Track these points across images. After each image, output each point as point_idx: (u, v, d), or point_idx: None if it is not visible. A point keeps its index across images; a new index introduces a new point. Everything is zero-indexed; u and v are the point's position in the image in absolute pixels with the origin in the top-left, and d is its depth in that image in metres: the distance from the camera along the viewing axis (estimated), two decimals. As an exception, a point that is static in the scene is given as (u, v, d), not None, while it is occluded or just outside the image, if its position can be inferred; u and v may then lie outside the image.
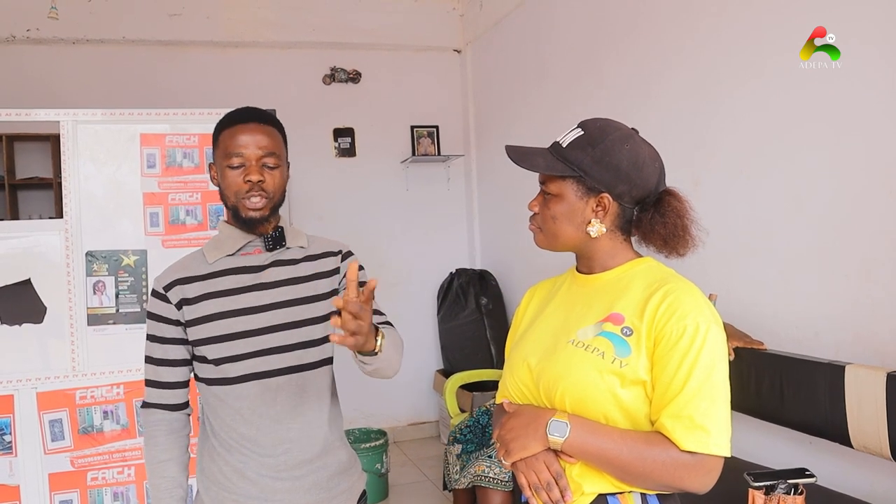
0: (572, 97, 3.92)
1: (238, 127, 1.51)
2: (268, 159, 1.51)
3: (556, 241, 1.34)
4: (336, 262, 1.62)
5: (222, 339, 1.49)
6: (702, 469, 1.15)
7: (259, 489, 1.50)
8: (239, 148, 1.49)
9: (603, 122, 1.33)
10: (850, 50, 2.23)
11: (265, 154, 1.50)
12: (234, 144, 1.49)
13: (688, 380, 1.16)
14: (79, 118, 2.61)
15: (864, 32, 2.19)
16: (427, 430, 5.27)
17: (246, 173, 1.49)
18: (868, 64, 2.18)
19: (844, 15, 2.25)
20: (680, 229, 1.29)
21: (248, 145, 1.49)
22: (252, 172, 1.48)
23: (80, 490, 2.54)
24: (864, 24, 2.19)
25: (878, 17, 2.14)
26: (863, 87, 2.20)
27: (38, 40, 4.47)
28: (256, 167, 1.49)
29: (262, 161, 1.50)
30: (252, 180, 1.48)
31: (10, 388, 2.50)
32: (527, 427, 1.24)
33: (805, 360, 2.30)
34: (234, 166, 1.49)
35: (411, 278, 5.24)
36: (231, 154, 1.49)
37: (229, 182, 1.50)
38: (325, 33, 4.98)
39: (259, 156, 1.50)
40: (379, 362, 1.34)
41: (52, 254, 2.57)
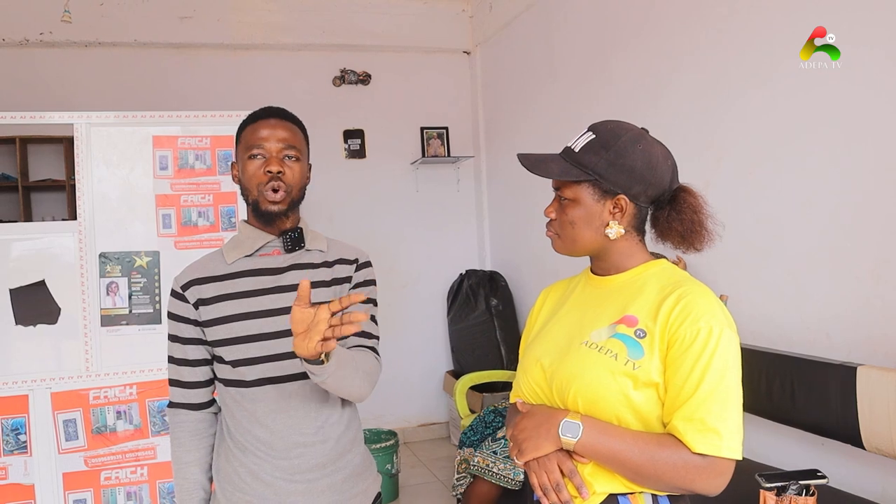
0: (582, 98, 3.92)
1: (260, 122, 1.54)
2: (288, 151, 1.53)
3: (574, 245, 1.35)
4: (350, 270, 1.62)
5: (239, 340, 1.50)
6: (713, 471, 1.15)
7: (273, 491, 1.50)
8: (260, 140, 1.52)
9: (613, 124, 1.33)
10: (855, 51, 2.23)
11: (285, 147, 1.53)
12: (255, 137, 1.52)
13: (700, 383, 1.16)
14: (92, 121, 2.63)
15: (872, 33, 2.18)
16: (437, 431, 5.28)
17: (266, 165, 1.51)
18: (877, 65, 2.17)
19: (848, 16, 2.24)
20: (697, 224, 1.30)
21: (268, 138, 1.52)
22: (272, 163, 1.51)
23: (94, 489, 2.56)
24: (870, 25, 2.18)
25: (883, 18, 2.13)
26: (872, 89, 2.19)
27: (51, 44, 4.50)
28: (276, 158, 1.52)
29: (282, 153, 1.53)
30: (272, 171, 1.50)
31: (25, 388, 2.52)
32: (539, 427, 1.25)
33: (817, 362, 2.29)
34: (254, 157, 1.52)
35: (421, 279, 5.26)
36: (252, 146, 1.52)
37: (250, 174, 1.52)
38: (335, 35, 5.00)
39: (279, 148, 1.52)
40: (327, 375, 1.32)
41: (65, 255, 2.59)
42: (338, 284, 1.59)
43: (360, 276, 1.62)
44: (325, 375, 1.32)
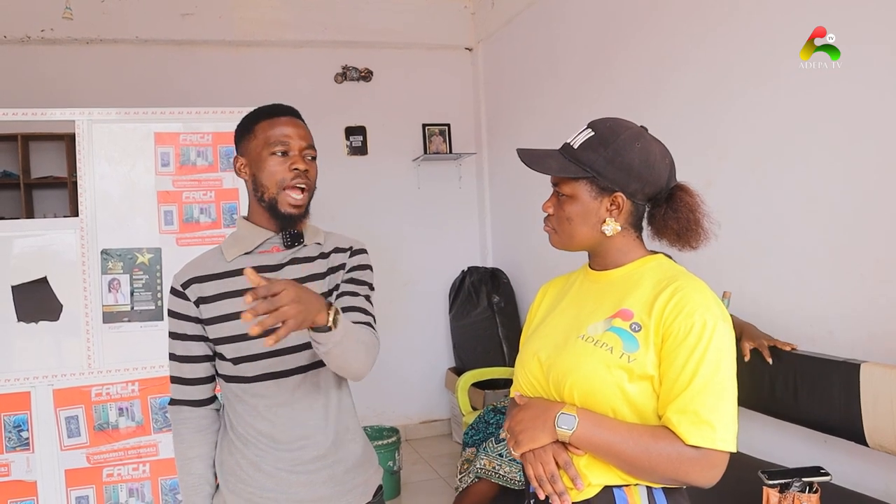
0: (583, 95, 3.92)
1: (279, 118, 1.53)
2: (309, 151, 1.54)
3: (571, 241, 1.36)
4: (344, 258, 1.62)
5: (239, 338, 1.50)
6: (707, 463, 1.17)
7: (275, 482, 1.51)
8: (284, 136, 1.50)
9: (612, 121, 1.34)
10: (855, 50, 2.22)
11: (307, 146, 1.53)
12: (278, 133, 1.50)
13: (694, 375, 1.18)
14: (94, 117, 2.63)
15: (873, 33, 2.17)
16: (439, 427, 5.28)
17: (292, 162, 1.50)
18: (877, 64, 2.16)
19: (848, 15, 2.24)
20: (692, 223, 1.31)
21: (293, 136, 1.51)
22: (298, 161, 1.50)
23: (96, 486, 2.57)
24: (870, 24, 2.17)
25: (883, 17, 2.12)
26: (874, 87, 2.19)
27: (52, 40, 4.50)
28: (301, 157, 1.51)
29: (305, 152, 1.53)
30: (299, 168, 1.50)
31: (27, 385, 2.52)
32: (536, 419, 1.27)
33: (820, 359, 2.29)
34: (277, 153, 1.50)
35: (423, 276, 5.25)
36: (275, 142, 1.50)
37: (272, 170, 1.50)
38: (337, 32, 4.99)
39: (302, 146, 1.52)
40: (333, 344, 1.28)
41: (67, 252, 2.59)
42: (332, 273, 1.59)
43: (354, 262, 1.61)
44: (330, 344, 1.28)
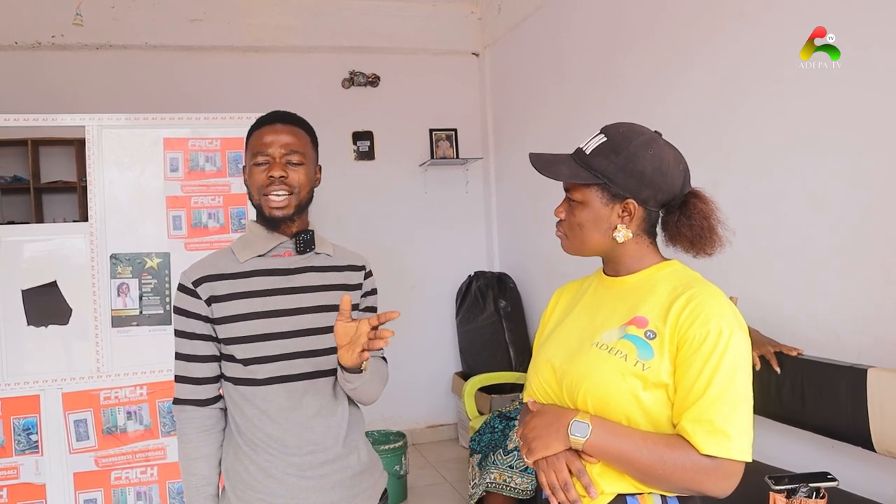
0: (590, 100, 3.92)
1: (265, 128, 1.57)
2: (291, 157, 1.56)
3: (582, 247, 1.35)
4: (360, 277, 1.68)
5: (251, 339, 1.51)
6: (722, 473, 1.15)
7: (285, 488, 1.52)
8: (264, 146, 1.55)
9: (626, 127, 1.33)
10: (859, 51, 2.22)
11: (288, 152, 1.55)
12: (259, 143, 1.56)
13: (710, 384, 1.16)
14: (103, 123, 2.65)
15: (873, 32, 2.17)
16: (445, 432, 5.27)
17: (269, 170, 1.54)
18: (885, 65, 2.16)
19: (850, 15, 2.23)
20: (706, 231, 1.29)
21: (271, 144, 1.55)
22: (274, 168, 1.53)
23: (104, 489, 2.58)
24: (870, 24, 2.17)
25: (885, 17, 2.13)
26: (883, 90, 2.18)
27: (62, 46, 4.54)
28: (279, 164, 1.54)
29: (285, 158, 1.55)
30: (273, 175, 1.53)
31: (37, 389, 2.54)
32: (549, 426, 1.26)
33: (827, 364, 2.28)
34: (258, 163, 1.55)
35: (430, 281, 5.26)
36: (256, 152, 1.56)
37: (255, 178, 1.56)
38: (345, 38, 5.01)
39: (282, 153, 1.55)
40: (361, 382, 1.48)
41: (77, 256, 2.61)
42: (347, 290, 1.63)
43: (369, 285, 1.70)
44: (359, 383, 1.46)
